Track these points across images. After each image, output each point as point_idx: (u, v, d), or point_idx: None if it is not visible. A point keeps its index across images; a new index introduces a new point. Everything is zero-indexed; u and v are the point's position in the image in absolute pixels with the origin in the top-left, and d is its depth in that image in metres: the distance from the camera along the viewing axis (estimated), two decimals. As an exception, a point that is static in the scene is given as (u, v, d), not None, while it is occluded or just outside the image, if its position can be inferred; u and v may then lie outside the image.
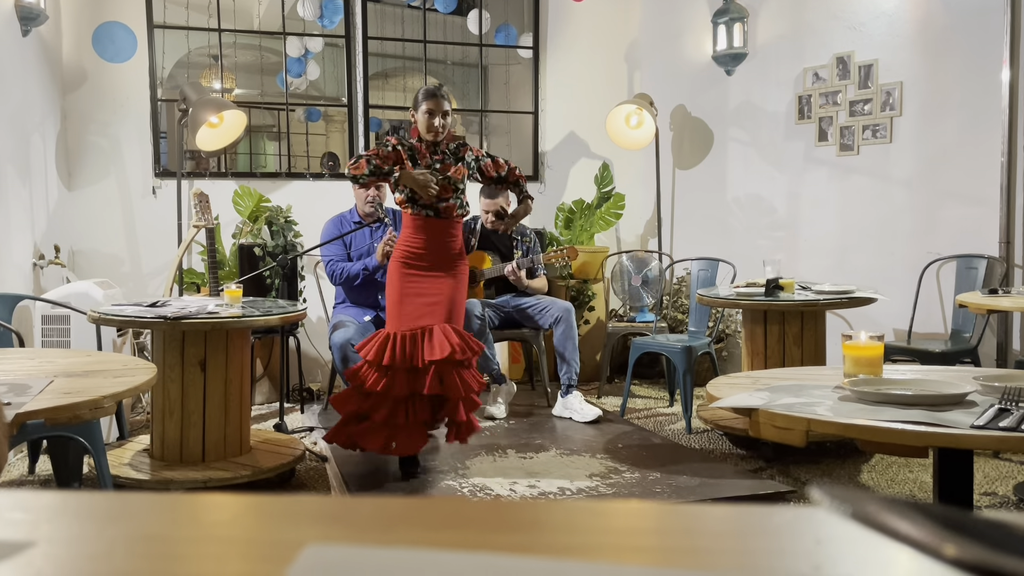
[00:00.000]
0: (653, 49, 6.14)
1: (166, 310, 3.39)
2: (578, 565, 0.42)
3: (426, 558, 0.42)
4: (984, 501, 3.26)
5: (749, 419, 1.88)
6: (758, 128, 5.53)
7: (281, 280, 4.90)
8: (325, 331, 5.08)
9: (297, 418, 4.69)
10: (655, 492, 3.38)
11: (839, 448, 3.89)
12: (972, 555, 0.36)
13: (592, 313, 5.70)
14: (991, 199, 4.35)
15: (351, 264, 4.50)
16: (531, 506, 0.53)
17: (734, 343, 5.49)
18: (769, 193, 5.48)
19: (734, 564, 0.44)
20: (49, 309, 3.97)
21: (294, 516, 0.51)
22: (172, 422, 3.48)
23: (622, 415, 4.67)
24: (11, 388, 2.11)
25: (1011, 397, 1.80)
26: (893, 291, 4.49)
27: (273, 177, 5.70)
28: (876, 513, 0.39)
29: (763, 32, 5.48)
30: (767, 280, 3.93)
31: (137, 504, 0.53)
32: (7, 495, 0.57)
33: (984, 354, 4.24)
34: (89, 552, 0.45)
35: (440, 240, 3.50)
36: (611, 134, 5.75)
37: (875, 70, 4.83)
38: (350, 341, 4.18)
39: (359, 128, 5.75)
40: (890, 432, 1.68)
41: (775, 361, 3.95)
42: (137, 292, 5.09)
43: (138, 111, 5.30)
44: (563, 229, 5.92)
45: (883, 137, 4.81)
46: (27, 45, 4.62)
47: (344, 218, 4.63)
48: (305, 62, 5.95)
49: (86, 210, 5.20)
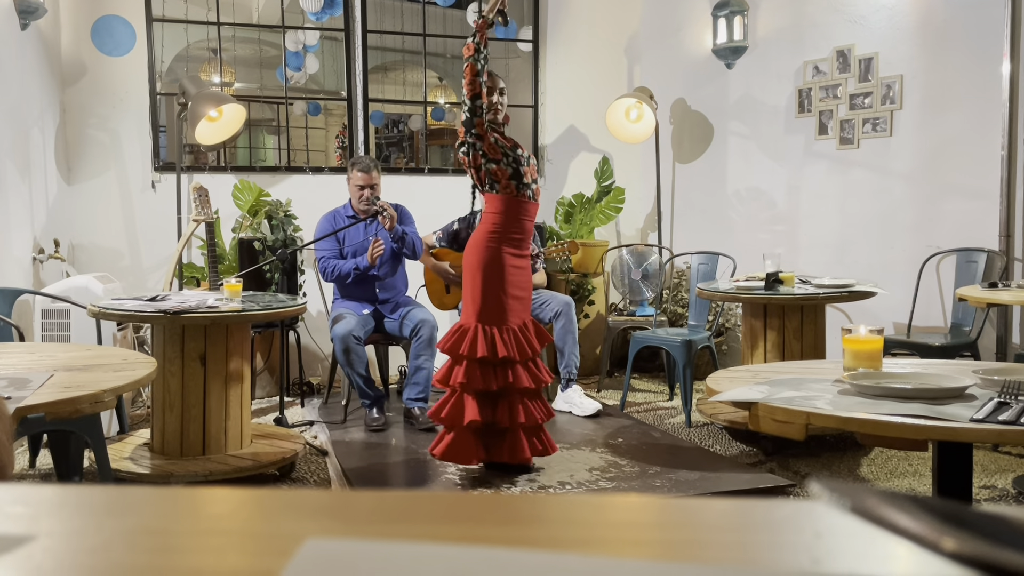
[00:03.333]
0: (653, 42, 6.13)
1: (166, 304, 3.39)
2: (578, 559, 0.42)
3: (426, 552, 0.42)
4: (983, 494, 3.26)
5: (749, 413, 1.88)
6: (758, 122, 5.52)
7: (281, 274, 4.90)
8: (325, 325, 5.08)
9: (297, 412, 4.69)
10: (655, 486, 3.39)
11: (838, 442, 3.90)
12: (971, 549, 0.36)
13: (592, 307, 5.70)
14: (991, 193, 4.35)
15: (342, 263, 4.47)
16: (531, 500, 0.53)
17: (734, 337, 5.49)
18: (769, 187, 5.47)
19: (734, 558, 0.44)
20: (49, 303, 3.97)
21: (294, 510, 0.51)
22: (172, 416, 3.48)
23: (622, 409, 4.68)
24: (11, 382, 2.11)
25: (1010, 391, 1.80)
26: (893, 285, 4.49)
27: (273, 171, 5.69)
28: (875, 507, 0.39)
29: (763, 25, 5.47)
30: (767, 274, 3.93)
31: (137, 498, 0.53)
32: (7, 489, 0.57)
33: (984, 348, 4.24)
34: (89, 545, 0.45)
35: (531, 227, 3.50)
36: (611, 128, 5.74)
37: (875, 63, 4.82)
38: (352, 333, 4.18)
39: (359, 122, 5.74)
40: (889, 426, 1.68)
41: (775, 355, 3.95)
42: (137, 286, 5.09)
43: (137, 105, 5.29)
44: (563, 223, 5.91)
45: (883, 130, 4.80)
46: (26, 39, 4.61)
47: (338, 213, 4.61)
48: (304, 56, 5.94)
49: (86, 204, 5.20)
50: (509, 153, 3.38)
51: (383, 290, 4.56)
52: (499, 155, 3.36)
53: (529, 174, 3.43)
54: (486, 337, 3.29)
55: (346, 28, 5.69)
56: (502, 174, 3.38)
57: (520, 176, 3.38)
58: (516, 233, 3.41)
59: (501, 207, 3.39)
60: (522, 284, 3.43)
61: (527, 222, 3.45)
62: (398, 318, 4.47)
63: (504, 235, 3.39)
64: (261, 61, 6.24)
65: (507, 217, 3.39)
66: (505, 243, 3.38)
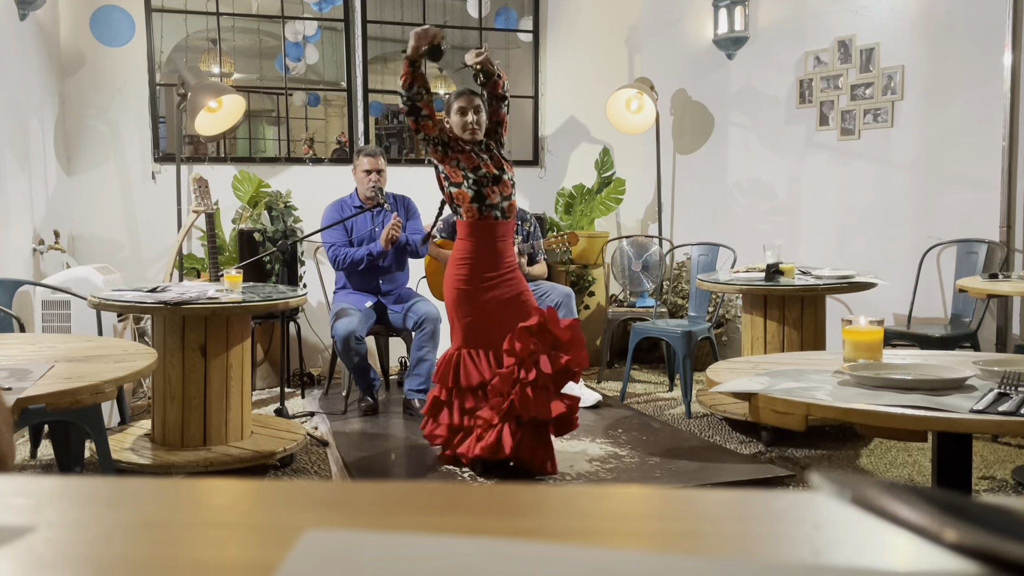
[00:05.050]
0: (654, 33, 6.11)
1: (166, 295, 3.39)
2: (578, 550, 0.42)
3: (427, 543, 0.42)
4: (982, 485, 3.27)
5: (749, 404, 1.89)
6: (759, 112, 5.51)
7: (281, 265, 4.90)
8: (326, 316, 5.08)
9: (298, 403, 4.70)
10: (655, 477, 3.39)
11: (838, 432, 3.90)
12: (972, 539, 0.36)
13: (592, 298, 5.70)
14: (992, 183, 4.34)
15: (355, 249, 4.48)
16: (531, 491, 0.53)
17: (734, 328, 5.49)
18: (770, 178, 5.46)
19: (733, 549, 0.44)
20: (49, 294, 3.97)
21: (294, 501, 0.51)
22: (173, 407, 3.48)
23: (622, 400, 4.68)
24: (12, 373, 2.11)
25: (1010, 381, 1.80)
26: (893, 276, 4.49)
27: (272, 162, 5.69)
28: (875, 497, 0.39)
29: (764, 16, 5.45)
30: (767, 265, 3.93)
31: (138, 489, 0.53)
32: (8, 480, 0.57)
33: (984, 339, 4.24)
34: (90, 537, 0.45)
35: (503, 245, 3.44)
36: (611, 119, 5.73)
37: (876, 54, 4.81)
38: (354, 333, 4.18)
39: (359, 112, 5.73)
40: (889, 416, 1.68)
41: (775, 346, 3.95)
42: (137, 277, 5.09)
43: (137, 96, 5.28)
44: (563, 214, 5.91)
45: (884, 121, 4.79)
46: (25, 29, 4.60)
47: (345, 203, 4.62)
48: (303, 46, 5.92)
49: (85, 195, 5.19)
50: (470, 175, 3.37)
51: (387, 282, 4.57)
52: (460, 178, 3.38)
53: (499, 192, 3.40)
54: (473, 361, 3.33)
55: (346, 18, 5.68)
56: (463, 198, 3.38)
57: (482, 198, 3.37)
58: (487, 256, 3.39)
59: (466, 232, 3.41)
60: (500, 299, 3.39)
61: (498, 242, 3.42)
62: (402, 310, 4.47)
63: (475, 262, 3.38)
64: (261, 51, 6.22)
65: (474, 243, 3.40)
66: (476, 270, 3.38)
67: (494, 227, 3.41)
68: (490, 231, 3.40)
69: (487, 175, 3.39)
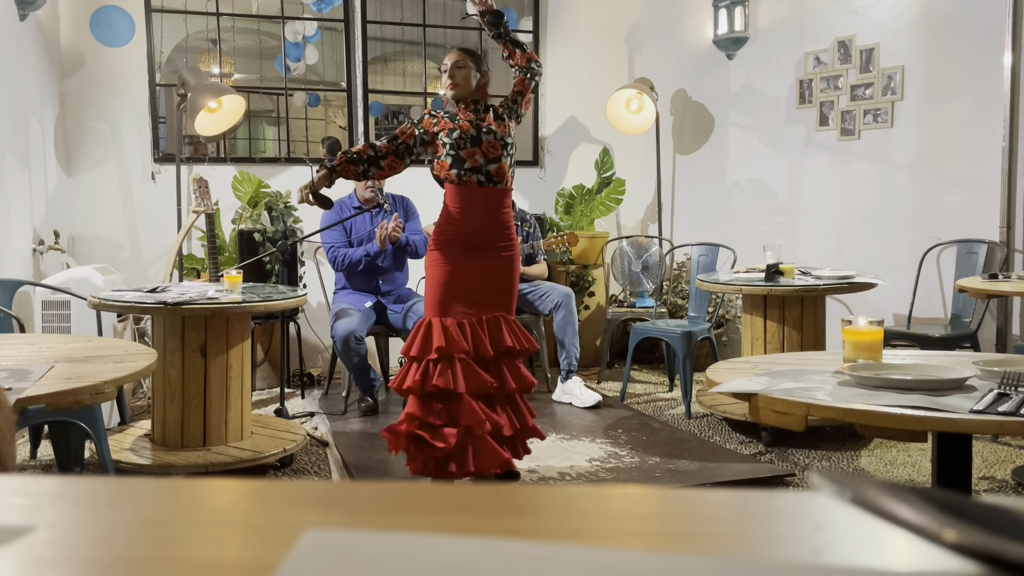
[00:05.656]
0: (654, 33, 6.11)
1: (166, 296, 3.39)
2: (578, 549, 0.42)
3: (426, 543, 0.42)
4: (982, 485, 3.27)
5: (749, 404, 1.89)
6: (759, 113, 5.51)
7: (281, 266, 4.90)
8: (326, 317, 5.08)
9: (298, 403, 4.70)
10: (655, 477, 3.39)
11: (838, 433, 3.90)
12: (972, 540, 0.36)
13: (592, 299, 5.70)
14: (992, 184, 4.34)
15: (353, 250, 4.49)
16: (531, 491, 0.53)
17: (734, 328, 5.49)
18: (769, 178, 5.46)
19: (733, 549, 0.44)
20: (49, 295, 3.97)
21: (294, 501, 0.51)
22: (173, 407, 3.48)
23: (622, 400, 4.68)
24: (12, 373, 2.11)
25: (1010, 382, 1.80)
26: (893, 276, 4.49)
27: (272, 162, 5.69)
28: (875, 497, 0.39)
29: (764, 16, 5.45)
30: (767, 265, 3.93)
31: (138, 489, 0.53)
32: (8, 480, 0.57)
33: (984, 339, 4.24)
34: (89, 536, 0.45)
35: (499, 216, 3.11)
36: (611, 119, 5.73)
37: (876, 54, 4.81)
38: (354, 333, 4.18)
39: (359, 113, 5.73)
40: (889, 416, 1.68)
41: (775, 346, 3.95)
42: (137, 278, 5.09)
43: (136, 96, 5.28)
44: (563, 214, 5.91)
45: (884, 121, 4.79)
46: (24, 29, 4.60)
47: (344, 203, 4.62)
48: (303, 46, 5.92)
49: (85, 195, 5.19)
50: (446, 140, 3.10)
51: (387, 282, 4.57)
52: (441, 151, 3.12)
53: (483, 154, 3.07)
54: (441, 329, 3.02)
55: (346, 19, 5.68)
56: (442, 167, 3.12)
57: (461, 161, 3.06)
58: (471, 225, 3.07)
59: (447, 198, 3.14)
60: (477, 279, 3.09)
61: (488, 211, 3.08)
62: (402, 311, 4.48)
63: (454, 228, 3.09)
64: (260, 52, 6.22)
65: (454, 210, 3.09)
66: (453, 239, 3.09)
67: (475, 194, 3.07)
68: (475, 197, 3.07)
69: (463, 135, 3.08)
